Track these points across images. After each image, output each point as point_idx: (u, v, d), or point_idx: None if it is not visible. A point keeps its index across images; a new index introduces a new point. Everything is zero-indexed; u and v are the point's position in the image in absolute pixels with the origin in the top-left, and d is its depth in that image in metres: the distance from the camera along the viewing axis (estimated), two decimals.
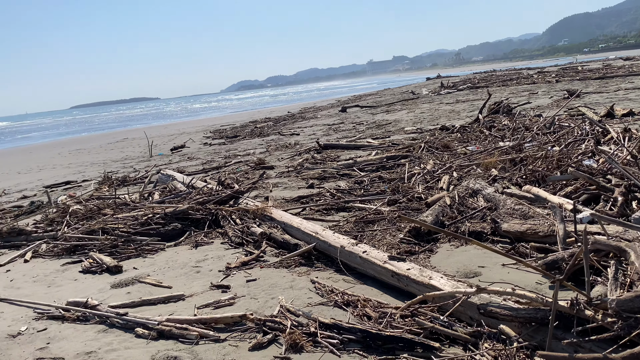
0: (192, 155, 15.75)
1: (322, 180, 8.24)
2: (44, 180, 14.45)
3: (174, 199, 7.17)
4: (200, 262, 5.09)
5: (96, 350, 3.45)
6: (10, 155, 27.16)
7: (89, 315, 4.01)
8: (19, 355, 3.51)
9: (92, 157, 19.94)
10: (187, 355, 3.24)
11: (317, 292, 4.02)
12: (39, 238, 6.44)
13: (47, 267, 5.54)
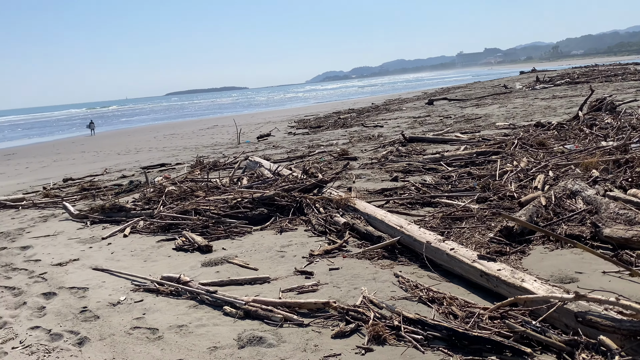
0: (277, 143, 16.12)
1: (407, 174, 8.11)
2: (141, 161, 15.44)
3: (261, 185, 7.38)
4: (285, 248, 5.20)
5: (187, 325, 3.63)
6: (112, 137, 29.28)
7: (181, 290, 4.23)
8: (118, 322, 3.78)
9: (184, 142, 21.01)
10: (272, 336, 3.32)
11: (401, 286, 3.96)
12: (137, 215, 6.89)
13: (144, 242, 5.92)
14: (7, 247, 6.21)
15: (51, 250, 5.86)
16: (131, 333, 3.58)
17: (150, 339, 3.46)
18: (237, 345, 3.27)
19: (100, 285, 4.58)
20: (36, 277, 4.96)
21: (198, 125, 31.95)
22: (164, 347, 3.33)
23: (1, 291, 4.69)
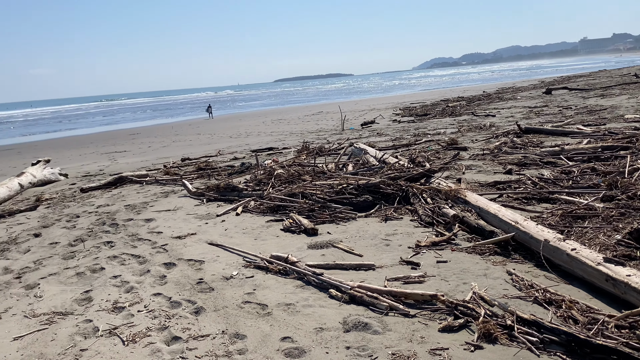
0: (381, 131, 16.00)
1: (522, 167, 7.65)
2: (250, 145, 16.11)
3: (367, 172, 7.37)
4: (390, 236, 5.16)
5: (294, 304, 3.73)
6: (224, 121, 30.86)
7: (288, 270, 4.36)
8: (231, 295, 3.99)
9: (290, 127, 21.59)
10: (377, 324, 3.31)
11: (514, 284, 3.76)
12: (248, 195, 7.21)
13: (254, 222, 6.18)
14: (133, 218, 6.79)
15: (171, 224, 6.33)
16: (242, 307, 3.76)
17: (260, 315, 3.61)
18: (343, 329, 3.30)
19: (215, 260, 4.86)
20: (158, 248, 5.38)
21: (303, 112, 32.66)
22: (273, 324, 3.45)
23: (129, 258, 5.15)
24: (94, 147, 20.65)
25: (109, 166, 13.85)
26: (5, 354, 3.36)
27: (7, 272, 5.06)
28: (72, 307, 4.04)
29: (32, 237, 6.34)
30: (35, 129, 39.92)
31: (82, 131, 33.72)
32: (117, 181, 9.88)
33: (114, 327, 3.60)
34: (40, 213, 7.86)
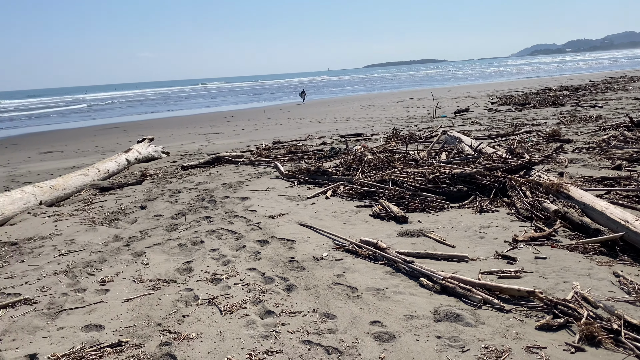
0: (476, 120, 15.42)
1: (633, 163, 7.06)
2: (339, 130, 16.20)
3: (461, 161, 7.15)
4: (485, 229, 4.99)
5: (384, 289, 3.74)
6: (313, 106, 31.24)
7: (378, 255, 4.37)
8: (321, 276, 4.07)
9: (379, 114, 21.43)
10: (470, 316, 3.24)
11: (622, 287, 3.50)
12: (338, 180, 7.29)
13: (344, 206, 6.24)
14: (229, 196, 7.12)
15: (264, 204, 6.56)
16: (332, 288, 3.83)
17: (350, 297, 3.66)
18: (434, 318, 3.26)
19: (305, 240, 4.97)
20: (252, 225, 5.60)
21: (393, 98, 32.25)
22: (362, 307, 3.49)
23: (225, 234, 5.41)
24: (193, 128, 21.80)
25: (206, 146, 14.57)
26: (117, 313, 3.68)
27: (118, 239, 5.51)
28: (174, 275, 4.34)
29: (138, 209, 6.84)
30: (140, 109, 42.86)
31: (183, 112, 35.72)
32: (214, 161, 10.39)
33: (212, 297, 3.82)
34: (145, 187, 8.46)
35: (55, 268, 4.67)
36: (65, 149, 17.39)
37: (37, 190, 7.56)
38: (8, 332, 3.46)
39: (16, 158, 15.77)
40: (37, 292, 4.15)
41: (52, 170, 11.88)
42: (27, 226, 6.26)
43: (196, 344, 3.14)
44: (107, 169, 10.01)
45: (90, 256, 4.94)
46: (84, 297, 3.98)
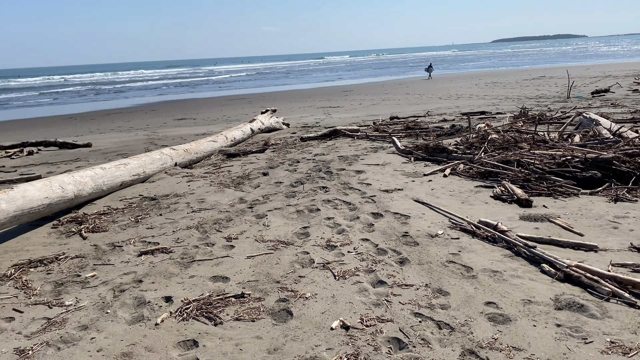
0: (617, 101, 13.99)
1: None
2: (461, 107, 15.62)
3: (597, 145, 6.57)
4: (619, 219, 4.58)
5: (501, 272, 3.62)
6: (435, 82, 30.35)
7: (497, 237, 4.21)
8: (435, 252, 4.04)
9: (506, 92, 20.26)
10: (595, 308, 3.03)
11: None
12: (457, 158, 7.08)
13: (462, 185, 6.07)
14: (345, 168, 7.25)
15: (379, 178, 6.59)
16: (447, 265, 3.78)
17: (464, 276, 3.59)
18: (554, 306, 3.10)
19: (420, 217, 4.94)
20: (367, 198, 5.68)
21: (522, 75, 30.24)
22: (477, 287, 3.41)
23: (341, 204, 5.55)
24: (312, 101, 22.34)
25: (324, 119, 14.88)
26: (241, 268, 3.98)
27: (242, 202, 5.90)
28: (292, 238, 4.56)
29: (261, 175, 7.24)
30: (264, 82, 44.75)
31: (303, 86, 36.69)
32: (331, 133, 10.60)
33: (327, 262, 3.97)
34: (267, 155, 8.90)
35: (188, 223, 5.14)
36: (196, 116, 18.78)
37: (173, 152, 8.29)
38: (148, 275, 3.90)
39: (155, 123, 17.37)
40: (173, 242, 4.60)
41: (185, 136, 12.92)
42: (164, 184, 6.92)
43: (311, 303, 3.31)
44: (234, 137, 10.67)
45: (218, 215, 5.36)
46: (212, 251, 4.35)
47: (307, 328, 3.02)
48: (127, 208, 5.84)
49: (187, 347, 2.91)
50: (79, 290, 3.70)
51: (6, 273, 4.07)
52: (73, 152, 11.24)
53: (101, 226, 5.18)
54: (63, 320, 3.25)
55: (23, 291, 3.73)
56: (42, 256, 4.41)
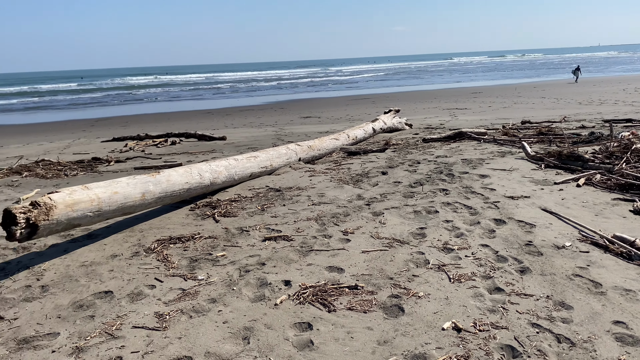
0: None
1: None
2: (604, 114, 14.34)
3: None
4: None
5: (635, 291, 3.32)
6: (574, 86, 28.10)
7: (633, 254, 3.86)
8: (560, 265, 3.81)
9: None
10: None
11: None
12: (594, 167, 6.54)
13: (597, 197, 5.61)
14: (468, 172, 7.05)
15: (505, 184, 6.32)
16: (572, 279, 3.56)
17: (592, 292, 3.36)
18: None
19: (547, 226, 4.67)
20: (490, 204, 5.49)
21: None
22: (605, 304, 3.17)
23: (461, 207, 5.43)
24: (437, 102, 21.91)
25: (449, 121, 14.53)
26: (356, 261, 4.09)
27: (360, 198, 6.02)
28: (408, 238, 4.58)
29: (380, 174, 7.31)
30: (389, 82, 44.73)
31: (428, 86, 36.06)
32: (456, 136, 10.34)
33: (442, 264, 3.93)
34: (387, 155, 8.95)
35: (308, 215, 5.39)
36: (321, 115, 19.39)
37: (298, 148, 8.68)
38: (271, 259, 4.18)
39: (282, 120, 18.26)
40: (293, 231, 4.87)
41: (309, 133, 13.44)
42: (288, 177, 7.29)
43: (423, 302, 3.32)
44: (355, 136, 10.86)
45: (337, 209, 5.54)
46: (329, 243, 4.53)
47: (417, 325, 3.05)
48: (255, 197, 6.27)
49: (302, 328, 3.09)
50: (210, 267, 4.09)
51: (150, 247, 4.61)
52: (209, 144, 12.24)
53: (231, 212, 5.63)
54: (195, 292, 3.61)
55: (163, 263, 4.20)
56: (180, 234, 4.92)
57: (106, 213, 4.71)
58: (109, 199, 4.68)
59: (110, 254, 4.47)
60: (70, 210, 4.26)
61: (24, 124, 22.79)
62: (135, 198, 5.03)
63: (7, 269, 4.23)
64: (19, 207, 3.99)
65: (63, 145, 13.35)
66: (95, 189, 4.62)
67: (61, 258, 4.40)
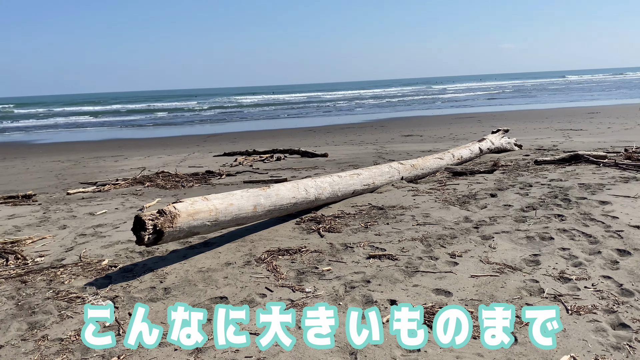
0: None
1: None
2: None
3: None
4: None
5: None
6: None
7: None
8: None
9: None
10: None
11: None
12: None
13: None
14: (586, 197, 6.59)
15: (629, 211, 5.82)
16: None
17: None
18: None
19: None
20: (612, 233, 5.08)
21: None
22: None
23: (578, 235, 5.08)
24: (549, 122, 20.70)
25: (562, 143, 13.67)
26: (464, 285, 3.98)
27: (467, 221, 5.85)
28: (520, 264, 4.37)
29: (488, 197, 7.06)
30: (495, 101, 43.09)
31: (539, 106, 34.21)
32: (571, 158, 9.70)
33: (558, 294, 3.71)
34: (496, 177, 8.61)
35: (412, 235, 5.34)
36: (423, 133, 19.13)
37: (401, 167, 8.65)
38: (375, 277, 4.19)
39: (383, 138, 18.26)
40: (398, 251, 4.85)
41: (411, 151, 13.31)
42: (391, 196, 7.27)
43: None
44: (461, 155, 10.59)
45: (443, 231, 5.43)
46: (436, 265, 4.45)
47: (532, 356, 2.90)
48: (358, 214, 6.33)
49: (409, 350, 3.06)
50: (316, 280, 4.19)
51: (261, 257, 4.83)
52: (312, 160, 12.57)
53: (335, 227, 5.74)
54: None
55: (273, 274, 4.38)
56: (288, 247, 5.10)
57: (222, 223, 5.02)
58: (225, 210, 4.99)
59: (224, 261, 4.75)
60: (191, 219, 4.60)
61: (145, 138, 24.95)
62: (248, 210, 5.31)
63: (134, 271, 4.65)
64: (148, 214, 4.38)
65: (179, 159, 14.41)
66: (213, 200, 4.95)
67: (181, 263, 4.75)
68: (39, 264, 5.05)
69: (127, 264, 4.86)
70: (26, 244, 5.83)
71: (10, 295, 4.17)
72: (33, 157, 17.80)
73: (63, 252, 5.44)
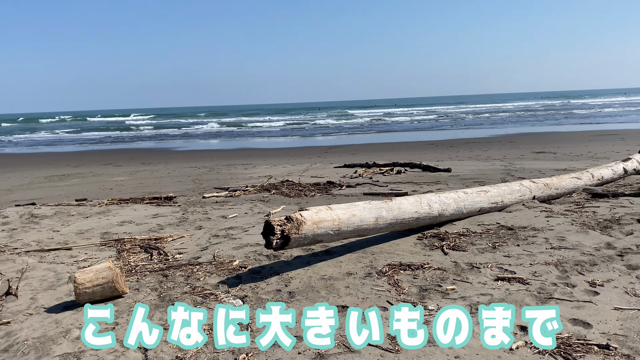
0: None
1: None
2: None
3: None
4: None
5: None
6: None
7: None
8: None
9: None
10: None
11: None
12: None
13: None
14: None
15: None
16: None
17: None
18: None
19: None
20: None
21: None
22: None
23: None
24: None
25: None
26: (606, 318, 3.61)
27: (610, 247, 5.31)
28: None
29: (635, 222, 6.34)
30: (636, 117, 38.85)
31: None
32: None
33: None
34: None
35: (546, 258, 4.96)
36: (557, 151, 17.82)
37: (533, 185, 8.11)
38: (504, 300, 3.96)
39: (512, 154, 17.32)
40: (529, 275, 4.53)
41: (543, 170, 12.44)
42: (521, 216, 6.85)
43: None
44: (602, 176, 9.67)
45: (581, 256, 4.98)
46: (573, 292, 4.09)
47: None
48: (485, 233, 6.05)
49: None
50: (439, 299, 4.07)
51: (382, 270, 4.81)
52: (434, 175, 12.29)
53: (460, 245, 5.53)
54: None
55: (394, 288, 4.34)
56: (409, 262, 5.02)
57: (344, 233, 5.09)
58: (347, 220, 5.06)
59: (345, 271, 4.80)
60: (315, 227, 4.73)
61: (271, 148, 26.26)
62: (369, 222, 5.33)
63: (262, 273, 4.88)
64: (277, 220, 4.59)
65: (302, 169, 14.93)
66: (337, 210, 5.04)
67: (304, 269, 4.90)
68: (178, 260, 5.51)
69: (256, 266, 5.12)
70: (167, 241, 6.41)
71: (154, 287, 4.61)
72: (174, 162, 19.60)
73: (199, 250, 5.89)
